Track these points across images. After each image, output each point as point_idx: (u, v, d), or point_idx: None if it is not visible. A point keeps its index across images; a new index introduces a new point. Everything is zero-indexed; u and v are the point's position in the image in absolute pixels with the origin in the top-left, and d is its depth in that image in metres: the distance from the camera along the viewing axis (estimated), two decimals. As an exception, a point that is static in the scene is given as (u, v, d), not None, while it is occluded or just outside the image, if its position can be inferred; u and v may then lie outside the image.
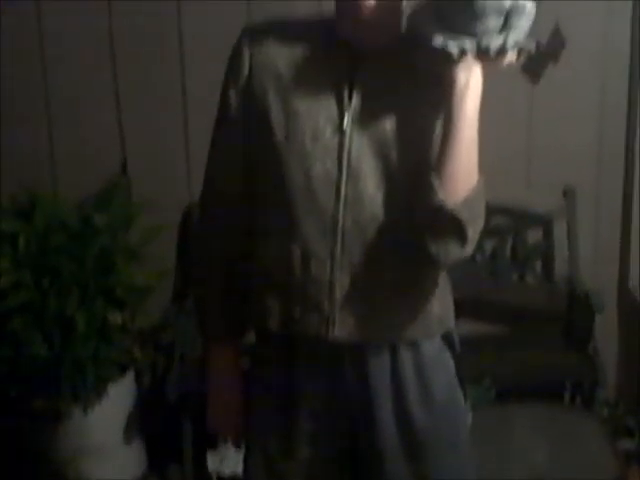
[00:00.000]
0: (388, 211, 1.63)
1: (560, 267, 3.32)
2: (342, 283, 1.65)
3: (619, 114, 3.24)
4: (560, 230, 3.31)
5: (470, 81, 1.52)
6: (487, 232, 1.66)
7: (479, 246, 1.80)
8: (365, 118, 1.62)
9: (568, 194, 3.28)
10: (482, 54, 1.50)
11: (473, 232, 1.58)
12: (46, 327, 2.89)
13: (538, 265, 3.36)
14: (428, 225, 1.57)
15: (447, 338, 1.78)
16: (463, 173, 1.55)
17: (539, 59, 3.07)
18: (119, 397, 3.06)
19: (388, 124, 1.61)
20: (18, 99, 3.22)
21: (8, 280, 2.86)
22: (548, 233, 3.33)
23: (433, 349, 1.76)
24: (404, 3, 1.63)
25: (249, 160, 1.71)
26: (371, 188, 1.62)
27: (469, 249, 1.59)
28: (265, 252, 1.72)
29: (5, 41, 3.17)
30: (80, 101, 3.22)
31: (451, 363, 1.80)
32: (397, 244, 1.63)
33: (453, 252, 1.58)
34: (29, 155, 3.25)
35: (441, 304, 1.75)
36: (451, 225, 1.55)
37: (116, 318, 2.97)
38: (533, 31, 1.55)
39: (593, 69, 3.20)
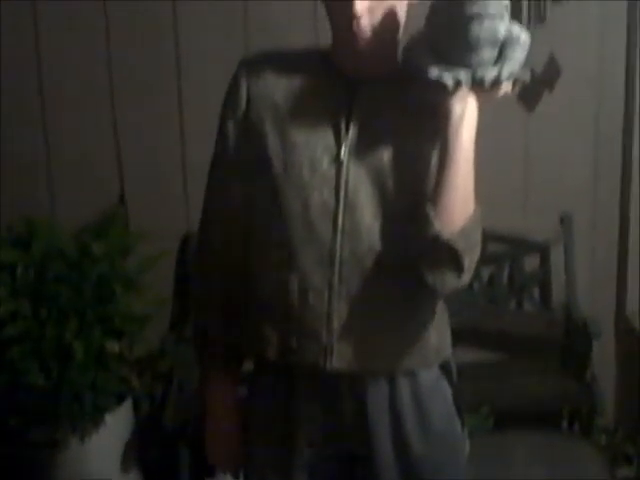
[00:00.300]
0: (385, 241, 1.63)
1: (558, 294, 3.33)
2: (340, 313, 1.65)
3: (615, 141, 3.26)
4: (557, 257, 3.32)
5: (465, 112, 1.54)
6: (484, 259, 1.67)
7: (476, 273, 1.80)
8: (362, 148, 1.63)
9: (565, 221, 3.29)
10: (477, 85, 1.52)
11: (470, 262, 1.58)
12: (44, 356, 2.88)
13: (536, 292, 3.37)
14: (425, 255, 1.58)
15: (444, 367, 1.78)
16: (459, 203, 1.56)
17: (534, 87, 3.09)
18: (116, 426, 3.05)
19: (385, 154, 1.62)
20: (17, 128, 3.23)
21: (6, 309, 2.86)
22: (545, 260, 3.34)
23: (431, 378, 1.76)
24: (400, 34, 1.65)
25: (247, 191, 1.72)
26: (368, 218, 1.63)
27: (466, 279, 1.60)
28: (263, 282, 1.72)
29: (5, 70, 3.18)
30: (79, 131, 3.23)
31: (449, 392, 1.80)
32: (394, 274, 1.64)
33: (450, 282, 1.59)
34: (27, 184, 3.26)
35: (438, 333, 1.75)
36: (447, 255, 1.56)
37: (114, 347, 2.96)
38: (528, 60, 1.56)
39: (588, 97, 3.23)
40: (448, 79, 1.50)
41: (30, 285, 2.93)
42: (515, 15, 3.02)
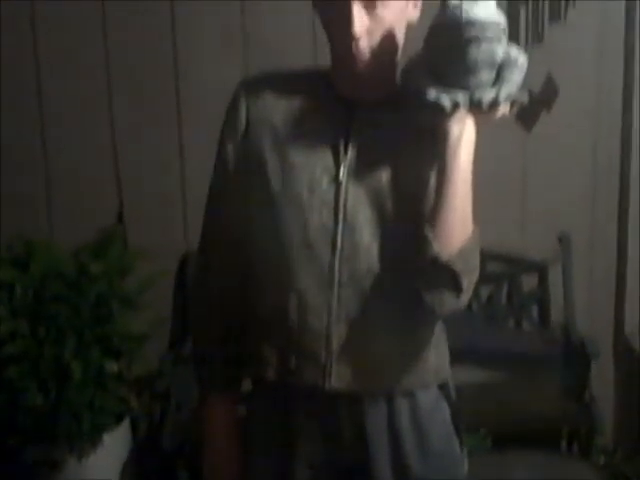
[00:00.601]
0: (384, 262, 1.63)
1: (556, 313, 3.33)
2: (339, 334, 1.65)
3: (613, 161, 3.27)
4: (555, 276, 3.32)
5: (463, 133, 1.54)
6: (483, 279, 1.67)
7: (475, 293, 1.81)
8: (361, 169, 1.64)
9: (563, 240, 3.29)
10: (475, 107, 1.52)
11: (468, 283, 1.58)
12: (42, 376, 2.87)
13: (534, 311, 3.37)
14: (423, 276, 1.58)
15: (443, 387, 1.78)
16: (457, 224, 1.56)
17: (532, 107, 3.10)
18: (115, 446, 3.04)
19: (384, 175, 1.63)
20: (16, 147, 3.24)
21: (5, 329, 2.86)
22: (543, 280, 3.34)
23: (429, 398, 1.75)
24: (399, 56, 1.66)
25: (247, 211, 1.72)
26: (367, 239, 1.63)
27: (464, 299, 1.60)
28: (262, 302, 1.72)
29: (5, 93, 3.20)
30: (77, 150, 3.25)
31: (447, 412, 1.79)
32: (393, 295, 1.64)
33: (449, 303, 1.59)
34: (26, 203, 3.27)
35: (437, 353, 1.75)
36: (446, 276, 1.56)
37: (112, 366, 2.96)
38: (526, 80, 1.57)
39: (586, 117, 3.24)
40: (446, 101, 1.51)
41: (29, 305, 2.93)
42: (512, 35, 2.99)
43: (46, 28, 3.19)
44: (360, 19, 1.54)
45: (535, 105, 3.11)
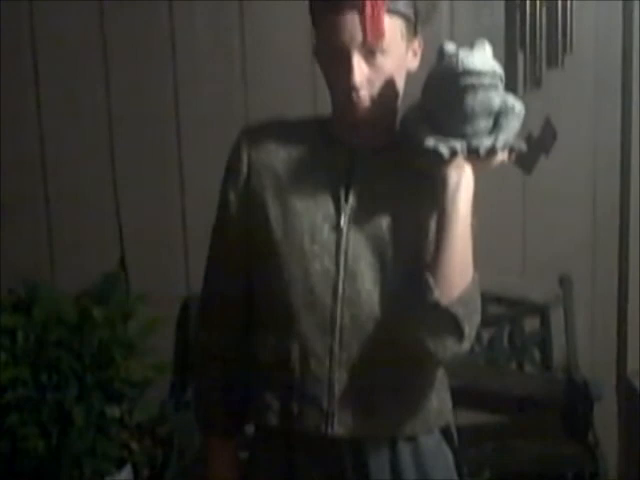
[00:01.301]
0: (385, 308, 1.64)
1: (558, 355, 3.32)
2: (341, 380, 1.66)
3: (612, 203, 3.29)
4: (557, 318, 3.32)
5: (462, 180, 1.56)
6: (484, 321, 1.68)
7: (477, 335, 1.81)
8: (362, 216, 1.65)
9: (564, 282, 3.29)
10: (473, 154, 1.54)
11: (470, 328, 1.59)
12: (43, 421, 2.87)
13: (536, 353, 3.36)
14: (425, 322, 1.58)
15: (445, 431, 1.78)
16: (458, 270, 1.57)
17: (531, 151, 3.13)
18: (116, 492, 3.03)
19: (384, 222, 1.64)
20: (18, 193, 3.26)
21: (6, 375, 2.85)
22: (545, 321, 3.34)
23: (432, 443, 1.75)
24: (399, 104, 1.68)
25: (248, 258, 1.74)
26: (368, 285, 1.64)
27: (466, 345, 1.61)
28: (264, 348, 1.73)
29: (6, 139, 3.22)
30: (79, 195, 3.25)
31: (450, 456, 1.79)
32: (395, 340, 1.64)
33: (450, 348, 1.59)
34: (28, 248, 3.27)
35: (439, 397, 1.75)
36: (447, 322, 1.56)
37: (114, 412, 2.96)
38: (525, 124, 1.59)
39: (585, 159, 3.26)
40: (444, 149, 1.53)
41: (30, 351, 2.93)
42: (511, 80, 3.08)
43: (47, 73, 3.22)
44: (360, 69, 1.57)
45: (534, 149, 3.14)
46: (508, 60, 3.14)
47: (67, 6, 3.15)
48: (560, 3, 3.11)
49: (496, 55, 1.57)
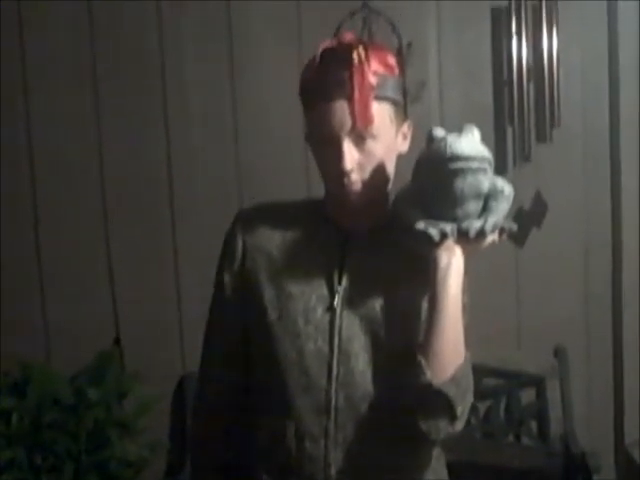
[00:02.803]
0: (379, 388, 1.65)
1: (555, 426, 3.31)
2: (337, 459, 1.66)
3: (604, 273, 3.30)
4: (553, 389, 3.31)
5: (452, 262, 1.57)
6: (480, 394, 1.68)
7: (473, 408, 1.80)
8: (355, 298, 1.66)
9: (559, 353, 3.29)
10: (463, 236, 1.56)
11: (462, 408, 1.59)
12: (39, 503, 2.85)
13: (533, 425, 3.34)
14: (418, 403, 1.59)
15: (442, 508, 1.78)
16: (449, 351, 1.58)
17: (523, 224, 3.15)
18: None
19: (377, 303, 1.66)
20: (13, 273, 3.27)
21: (1, 457, 2.84)
22: (541, 393, 3.32)
23: (430, 520, 1.75)
24: (390, 186, 1.70)
25: (244, 339, 1.75)
26: (362, 365, 1.65)
27: (460, 425, 1.61)
28: (260, 429, 1.73)
29: (3, 216, 3.26)
30: (73, 275, 3.27)
31: (448, 532, 1.79)
32: (389, 420, 1.64)
33: (444, 429, 1.60)
34: (23, 329, 3.27)
35: (435, 474, 1.75)
36: (440, 403, 1.57)
37: (110, 493, 2.93)
38: (516, 198, 1.62)
39: (576, 231, 3.28)
40: (433, 231, 1.55)
41: (25, 432, 2.91)
42: (500, 155, 3.14)
43: (41, 143, 3.25)
44: (350, 155, 1.59)
45: (526, 222, 3.17)
46: (498, 136, 3.19)
47: (63, 79, 3.21)
48: (547, 79, 3.16)
49: (485, 131, 1.61)
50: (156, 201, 3.26)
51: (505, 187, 1.59)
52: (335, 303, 1.66)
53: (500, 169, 3.01)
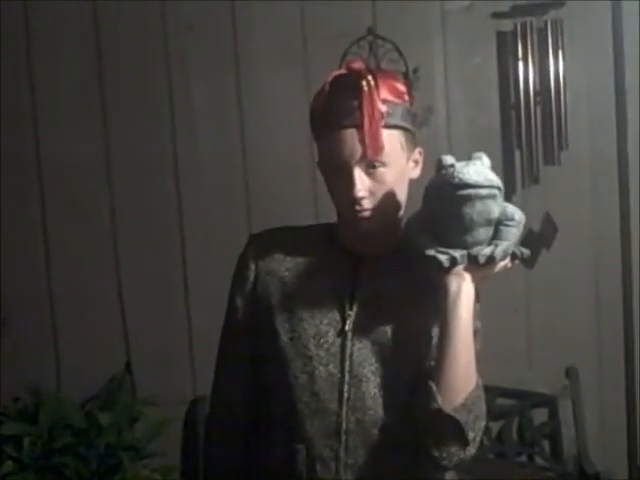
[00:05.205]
0: (390, 412, 1.65)
1: (568, 446, 3.30)
2: (347, 483, 1.66)
3: (615, 292, 3.29)
4: (565, 409, 3.30)
5: (462, 288, 1.57)
6: (493, 414, 1.68)
7: (485, 429, 1.80)
8: (366, 322, 1.67)
9: (571, 374, 3.29)
10: (473, 263, 1.57)
11: (474, 434, 1.59)
12: (50, 529, 2.86)
13: (546, 445, 3.34)
14: (429, 429, 1.59)
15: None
16: (460, 376, 1.58)
17: (532, 245, 3.15)
18: None
19: (388, 328, 1.66)
20: (22, 298, 3.29)
21: (12, 483, 2.85)
22: (554, 413, 3.32)
23: None
24: (402, 212, 1.71)
25: (255, 363, 1.76)
26: (373, 390, 1.65)
27: (471, 451, 1.61)
28: (270, 453, 1.73)
29: (7, 241, 3.27)
30: (84, 300, 3.30)
31: None
32: (401, 444, 1.65)
33: (455, 454, 1.59)
34: (33, 355, 3.29)
35: (449, 498, 1.75)
36: (451, 429, 1.57)
37: (122, 517, 2.93)
38: (525, 220, 1.61)
39: (586, 251, 3.28)
40: (443, 258, 1.55)
41: (37, 457, 2.92)
42: (509, 178, 3.14)
43: (50, 179, 3.30)
44: (361, 182, 1.60)
45: (535, 243, 3.17)
46: (506, 159, 3.20)
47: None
48: (554, 101, 3.17)
49: (493, 155, 1.60)
50: (166, 227, 3.29)
51: (516, 214, 1.59)
52: (346, 327, 1.67)
53: (509, 192, 3.01)
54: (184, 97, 3.25)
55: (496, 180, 1.55)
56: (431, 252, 1.56)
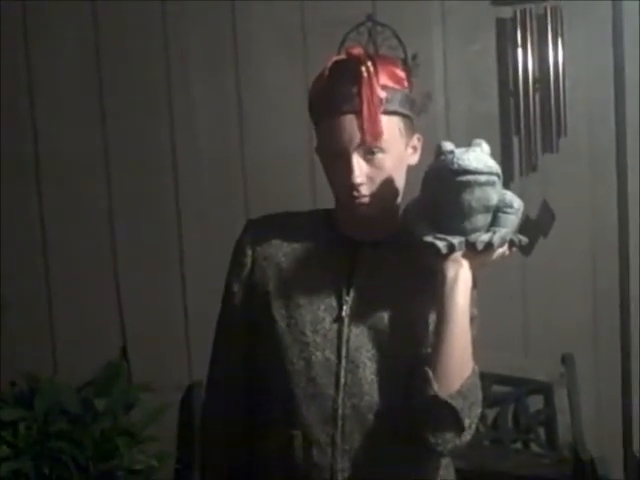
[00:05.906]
0: (386, 397, 1.65)
1: (564, 433, 3.30)
2: (343, 468, 1.66)
3: (611, 279, 3.30)
4: (561, 396, 3.31)
5: (459, 274, 1.57)
6: (488, 401, 1.68)
7: (481, 416, 1.80)
8: (362, 308, 1.67)
9: (567, 361, 3.30)
10: (470, 249, 1.57)
11: (470, 421, 1.59)
12: (46, 514, 2.86)
13: (541, 432, 3.34)
14: (425, 415, 1.59)
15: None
16: (457, 363, 1.58)
17: (529, 233, 3.14)
18: None
19: (385, 314, 1.66)
20: (19, 286, 3.29)
21: (8, 468, 2.84)
22: (549, 400, 3.33)
23: (437, 530, 1.74)
24: (400, 198, 1.70)
25: (252, 348, 1.76)
26: (369, 376, 1.65)
27: (467, 438, 1.61)
28: (267, 438, 1.74)
29: (5, 225, 3.27)
30: (80, 286, 3.30)
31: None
32: (397, 430, 1.65)
33: (451, 441, 1.60)
34: (30, 340, 3.29)
35: (444, 483, 1.75)
36: (447, 415, 1.57)
37: (118, 502, 2.94)
38: (524, 207, 1.61)
39: (583, 239, 3.29)
40: (441, 244, 1.55)
41: (33, 442, 2.92)
42: (507, 166, 3.13)
43: (48, 176, 3.30)
44: (360, 168, 1.60)
45: (532, 231, 3.17)
46: (504, 146, 3.20)
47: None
48: (552, 88, 3.17)
49: (492, 142, 1.60)
50: (163, 214, 3.29)
51: (514, 201, 1.59)
52: (343, 313, 1.66)
53: (507, 179, 3.01)
54: (183, 85, 3.24)
55: (495, 167, 1.55)
56: (429, 238, 1.56)
